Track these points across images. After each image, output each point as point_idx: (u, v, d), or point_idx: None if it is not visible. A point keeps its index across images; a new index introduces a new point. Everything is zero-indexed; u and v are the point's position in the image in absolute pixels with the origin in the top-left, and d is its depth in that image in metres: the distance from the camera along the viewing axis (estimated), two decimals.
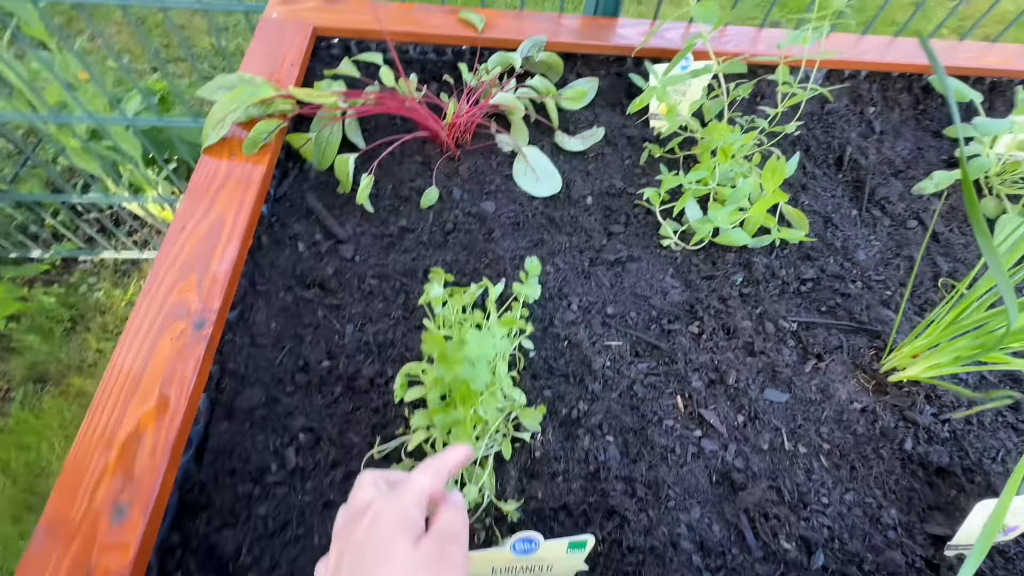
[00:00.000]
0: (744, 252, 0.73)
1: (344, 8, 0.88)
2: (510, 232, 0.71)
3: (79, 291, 1.73)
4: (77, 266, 1.77)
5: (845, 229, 0.78)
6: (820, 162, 0.86)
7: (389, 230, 0.70)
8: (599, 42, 0.88)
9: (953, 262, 0.76)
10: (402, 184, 0.75)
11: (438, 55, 0.90)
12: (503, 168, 0.78)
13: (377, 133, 0.80)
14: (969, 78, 0.99)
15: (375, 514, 0.31)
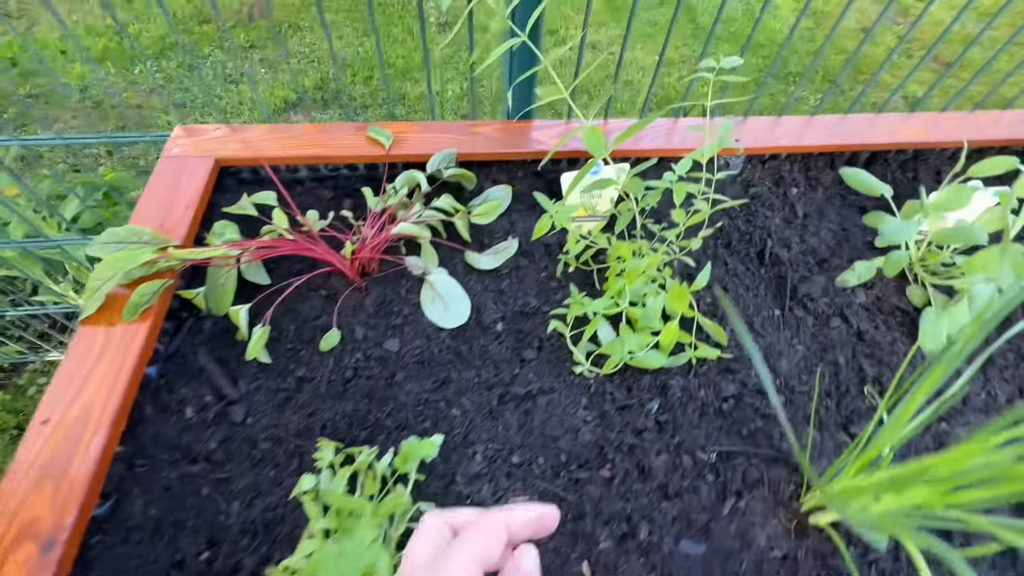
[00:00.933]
0: (661, 374, 0.70)
1: (251, 135, 0.87)
2: (415, 373, 0.69)
3: (27, 394, 1.68)
4: (26, 367, 1.72)
5: (767, 334, 0.75)
6: (743, 256, 0.85)
7: (286, 383, 0.67)
8: (513, 149, 0.87)
9: (879, 365, 0.73)
10: (305, 324, 0.72)
11: (351, 170, 0.89)
12: (412, 295, 0.76)
13: (284, 266, 0.78)
14: (889, 152, 0.99)
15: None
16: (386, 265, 0.79)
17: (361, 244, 0.74)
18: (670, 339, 0.69)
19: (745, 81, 1.21)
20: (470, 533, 0.29)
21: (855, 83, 2.84)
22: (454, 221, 0.79)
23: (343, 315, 0.73)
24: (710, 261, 0.80)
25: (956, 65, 0.94)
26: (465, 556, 0.28)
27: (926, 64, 2.92)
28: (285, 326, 0.72)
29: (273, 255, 0.73)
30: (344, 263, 0.73)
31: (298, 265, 0.78)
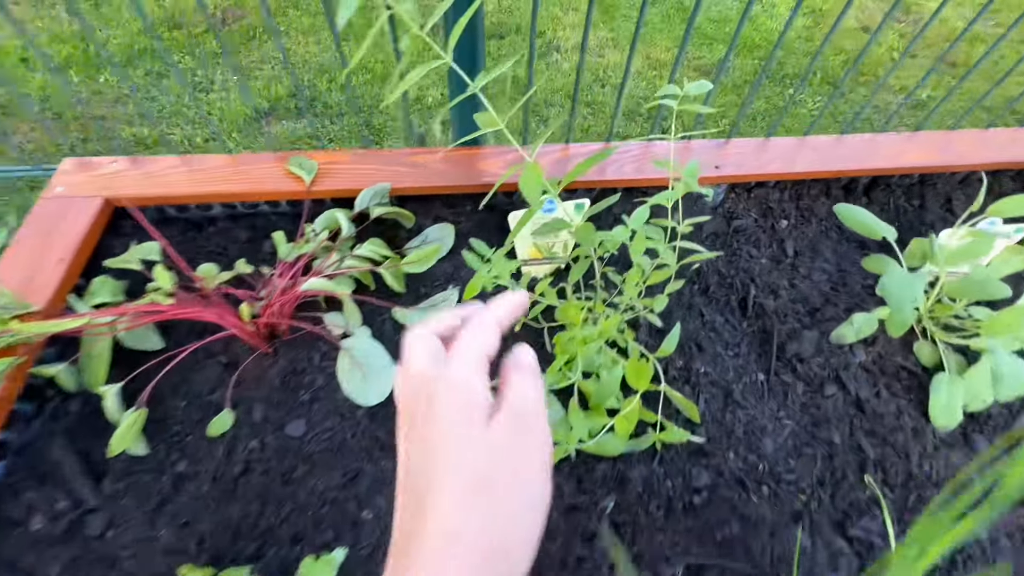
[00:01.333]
0: (620, 462, 0.59)
1: (156, 168, 0.75)
2: (322, 464, 0.57)
3: None
4: None
5: (749, 406, 0.64)
6: (722, 306, 0.73)
7: (161, 481, 0.55)
8: (457, 181, 0.76)
9: (882, 445, 0.62)
10: (196, 401, 0.61)
11: (273, 207, 0.77)
12: (328, 363, 0.64)
13: (184, 325, 0.66)
14: (892, 178, 0.87)
15: (431, 398, 0.26)
16: (301, 323, 0.67)
17: (267, 303, 0.63)
18: (630, 421, 0.57)
19: (723, 96, 1.09)
20: (469, 331, 0.29)
21: (856, 85, 2.71)
22: (380, 273, 0.68)
23: (242, 389, 0.62)
24: (680, 319, 0.69)
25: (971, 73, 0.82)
26: (472, 353, 0.28)
27: (931, 65, 2.79)
28: (172, 403, 0.61)
29: (159, 319, 0.62)
30: (244, 328, 0.62)
31: (200, 324, 0.66)
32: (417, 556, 0.21)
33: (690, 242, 0.57)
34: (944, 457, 0.61)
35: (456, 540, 0.21)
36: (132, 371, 0.61)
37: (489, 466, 0.23)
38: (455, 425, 0.25)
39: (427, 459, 0.24)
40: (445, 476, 0.23)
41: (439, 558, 0.21)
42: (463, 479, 0.23)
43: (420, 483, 0.24)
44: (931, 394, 0.63)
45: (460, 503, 0.22)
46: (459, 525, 0.22)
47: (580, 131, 2.36)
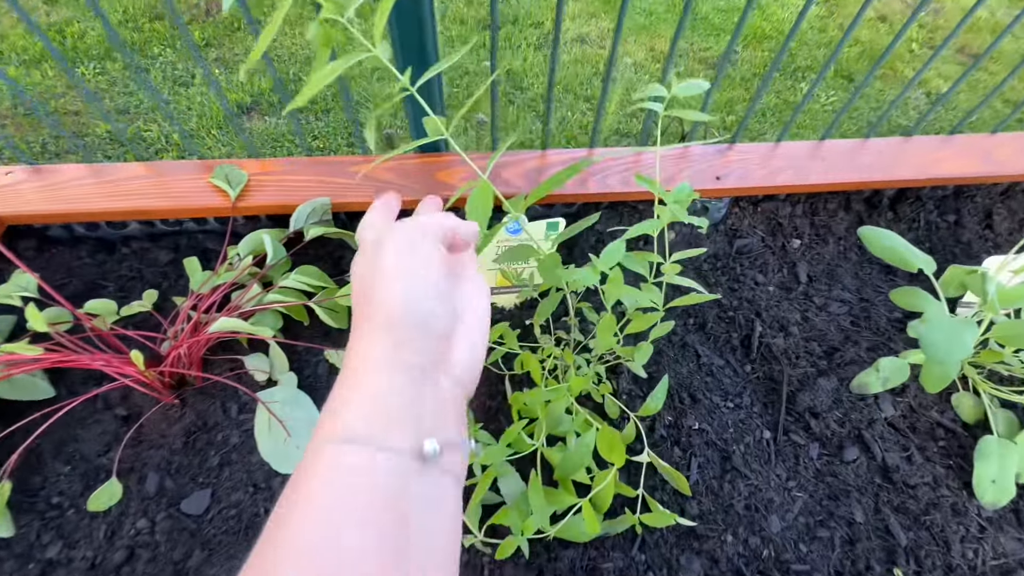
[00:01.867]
0: (591, 548, 0.48)
1: (62, 179, 0.64)
2: (225, 547, 0.47)
3: None
4: None
5: (752, 474, 0.53)
6: (721, 344, 0.62)
7: (27, 570, 0.45)
8: (409, 196, 0.64)
9: (915, 526, 0.50)
10: (79, 466, 0.51)
11: (199, 224, 0.67)
12: (247, 415, 0.54)
13: (75, 373, 0.56)
14: (922, 189, 0.75)
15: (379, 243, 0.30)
16: (220, 367, 0.57)
17: (173, 345, 0.53)
18: (601, 503, 0.46)
19: (720, 103, 0.97)
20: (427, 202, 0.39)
21: (872, 79, 2.56)
22: (312, 307, 0.57)
23: (139, 450, 0.52)
24: (671, 362, 0.58)
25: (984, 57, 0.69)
26: (432, 206, 0.39)
27: (951, 57, 2.63)
28: (54, 467, 0.51)
29: (32, 369, 0.52)
30: (141, 375, 0.51)
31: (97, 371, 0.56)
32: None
33: (684, 277, 0.46)
34: (991, 542, 0.50)
35: (353, 327, 0.28)
36: (10, 425, 0.51)
37: (361, 274, 0.30)
38: (359, 256, 0.31)
39: (382, 266, 0.29)
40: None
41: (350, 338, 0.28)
42: (353, 288, 0.30)
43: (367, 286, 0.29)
44: (976, 462, 0.52)
45: (354, 304, 0.29)
46: (354, 318, 0.29)
47: (578, 127, 2.24)
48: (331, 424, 0.24)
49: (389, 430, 0.24)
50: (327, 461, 0.23)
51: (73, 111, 2.26)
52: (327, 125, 2.31)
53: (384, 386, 0.25)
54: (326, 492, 0.22)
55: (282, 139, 2.20)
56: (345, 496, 0.22)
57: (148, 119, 2.28)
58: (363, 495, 0.22)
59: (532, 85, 2.39)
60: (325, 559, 0.20)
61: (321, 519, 0.21)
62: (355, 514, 0.21)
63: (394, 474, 0.23)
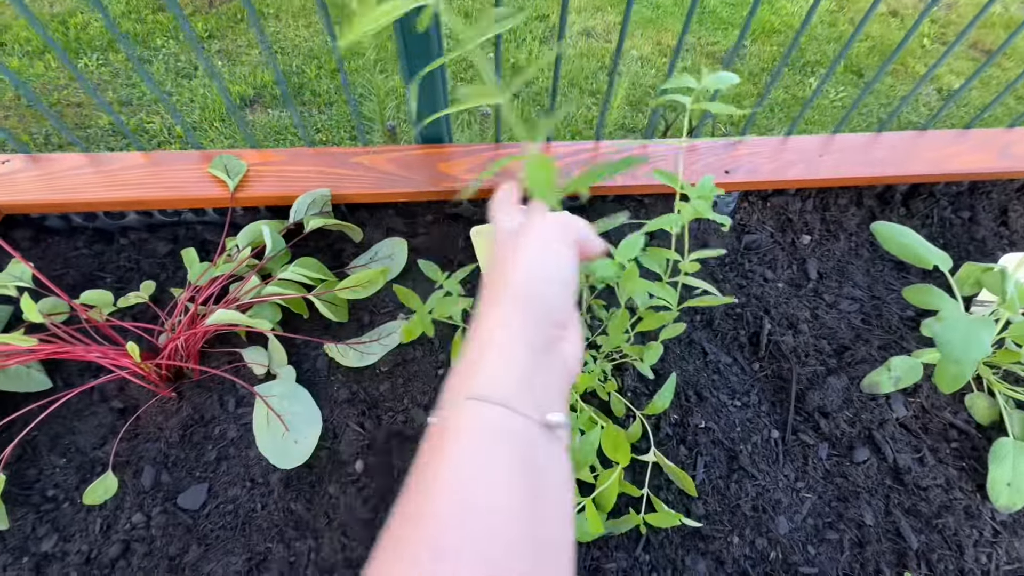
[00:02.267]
0: (595, 548, 0.47)
1: (59, 168, 0.64)
2: (222, 543, 0.46)
3: None
4: None
5: (759, 474, 0.51)
6: (728, 342, 0.61)
7: (21, 563, 0.44)
8: (410, 188, 0.63)
9: (927, 529, 0.49)
10: (75, 459, 0.50)
11: (198, 215, 0.66)
12: (244, 409, 0.53)
13: (71, 365, 0.55)
14: (936, 185, 0.73)
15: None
16: (217, 360, 0.56)
17: (171, 338, 0.52)
18: (605, 502, 0.45)
19: (742, 100, 0.94)
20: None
21: (882, 73, 2.52)
22: (312, 300, 0.56)
23: (135, 443, 0.51)
24: (678, 359, 0.57)
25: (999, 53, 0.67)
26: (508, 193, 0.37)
27: (964, 53, 2.59)
28: (49, 460, 0.50)
29: (26, 361, 0.51)
30: (138, 367, 0.50)
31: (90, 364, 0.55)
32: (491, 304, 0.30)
33: (697, 278, 0.44)
34: (1006, 547, 0.48)
35: (486, 296, 0.30)
36: (7, 416, 0.50)
37: (501, 252, 0.31)
38: (493, 241, 0.33)
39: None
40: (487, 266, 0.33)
41: (482, 305, 0.30)
42: (489, 265, 0.32)
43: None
44: (990, 464, 0.50)
45: (489, 277, 0.31)
46: (488, 288, 0.31)
47: (583, 122, 2.22)
48: (468, 383, 0.26)
49: (521, 397, 0.26)
50: (469, 415, 0.25)
51: (76, 103, 2.25)
52: (330, 118, 2.30)
53: (516, 357, 0.27)
54: (470, 443, 0.24)
55: (285, 132, 2.19)
56: (490, 449, 0.24)
57: (151, 111, 2.28)
58: (505, 450, 0.24)
59: (537, 79, 2.37)
60: (475, 508, 0.22)
61: (468, 469, 0.23)
62: (499, 467, 0.23)
63: (528, 436, 0.25)
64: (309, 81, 2.46)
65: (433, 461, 0.24)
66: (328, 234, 0.65)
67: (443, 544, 0.21)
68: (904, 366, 0.55)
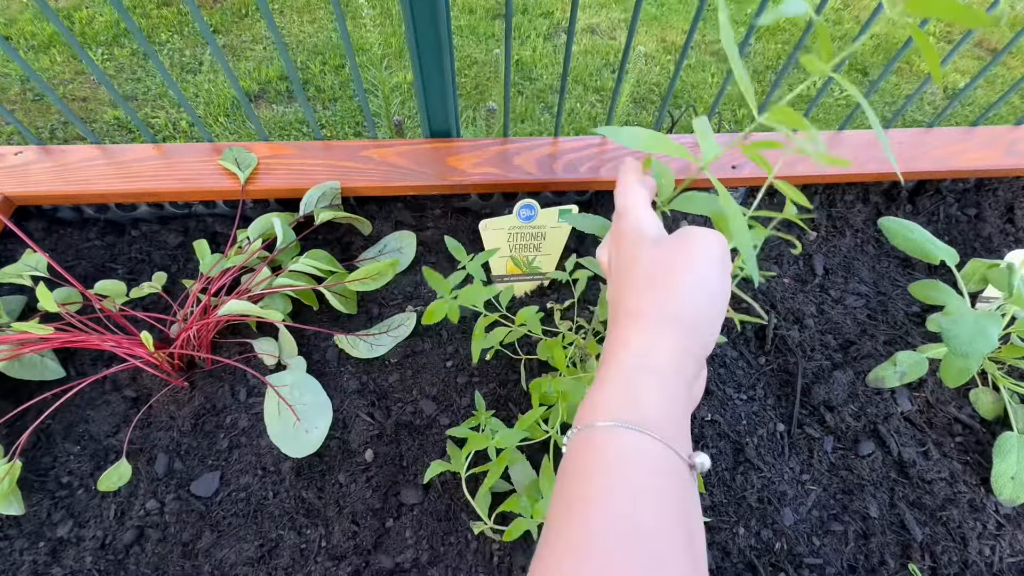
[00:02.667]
0: None
1: (72, 159, 0.64)
2: (234, 529, 0.47)
3: None
4: None
5: (765, 467, 0.52)
6: (735, 336, 0.61)
7: (38, 548, 0.45)
8: (419, 181, 0.64)
9: (931, 521, 0.49)
10: (88, 446, 0.51)
11: (208, 207, 0.66)
12: (256, 399, 0.54)
13: (85, 353, 0.56)
14: (942, 182, 0.73)
15: (617, 221, 0.33)
16: (228, 350, 0.57)
17: (183, 328, 0.52)
18: None
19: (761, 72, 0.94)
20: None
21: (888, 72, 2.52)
22: (322, 292, 0.57)
23: (148, 432, 0.51)
24: None
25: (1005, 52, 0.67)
26: (639, 195, 0.34)
27: (968, 52, 2.58)
28: (63, 447, 0.51)
29: (42, 349, 0.51)
30: (151, 356, 0.51)
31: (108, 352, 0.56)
32: (613, 327, 0.30)
33: None
34: (1009, 539, 0.49)
35: (637, 316, 0.28)
36: (20, 405, 0.51)
37: (653, 267, 0.29)
38: (629, 244, 0.31)
39: (619, 265, 0.32)
40: (627, 276, 0.30)
41: (625, 325, 0.29)
42: (636, 278, 0.30)
43: (617, 280, 0.31)
44: (995, 458, 0.51)
45: (638, 294, 0.29)
46: (637, 307, 0.29)
47: (587, 119, 2.22)
48: (627, 409, 0.25)
49: (678, 436, 0.25)
50: (633, 448, 0.24)
51: (81, 97, 2.26)
52: (334, 114, 2.30)
53: (674, 392, 0.26)
54: (630, 471, 0.23)
55: (289, 127, 2.20)
56: (649, 479, 0.23)
57: (156, 106, 2.28)
58: (669, 489, 0.23)
59: (542, 75, 2.37)
60: (635, 536, 0.21)
61: (627, 494, 0.22)
62: (658, 497, 0.23)
63: (683, 477, 0.24)
64: (313, 77, 2.47)
65: (595, 488, 0.23)
66: (338, 227, 0.65)
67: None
68: (909, 361, 0.56)
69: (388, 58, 2.53)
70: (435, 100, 0.63)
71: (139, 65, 2.35)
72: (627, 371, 0.26)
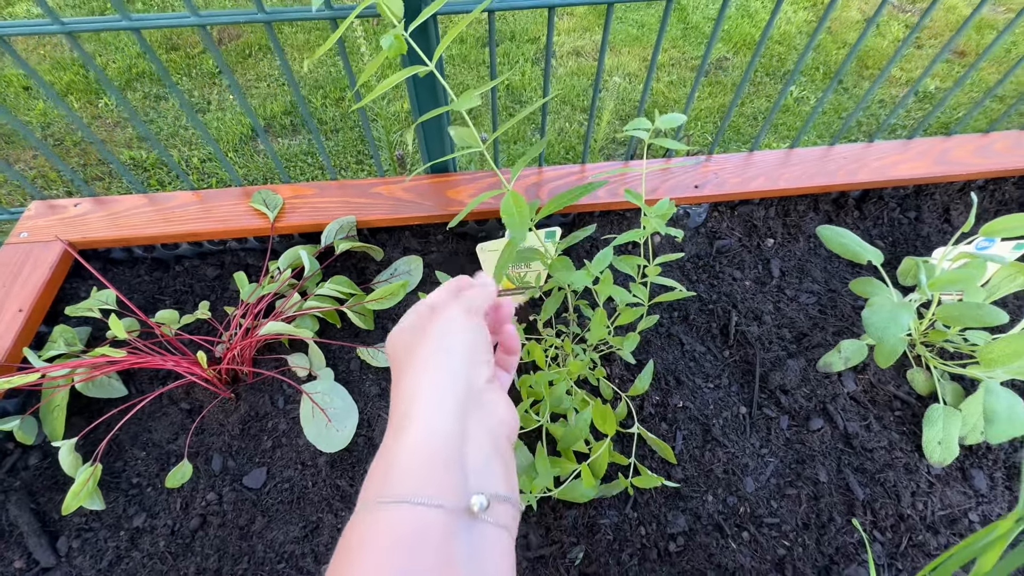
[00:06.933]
0: (590, 508, 0.56)
1: (121, 208, 0.74)
2: (280, 516, 0.55)
3: None
4: None
5: (729, 443, 0.61)
6: (702, 333, 0.70)
7: (118, 537, 0.54)
8: (423, 212, 0.74)
9: (871, 484, 0.58)
10: (155, 450, 0.60)
11: (240, 243, 0.76)
12: (292, 406, 0.63)
13: (143, 374, 0.65)
14: (885, 189, 0.83)
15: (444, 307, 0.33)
16: (267, 365, 0.66)
17: (228, 348, 0.62)
18: (598, 468, 0.55)
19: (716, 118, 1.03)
20: (475, 289, 0.36)
21: (860, 79, 2.64)
22: (344, 312, 0.66)
23: (203, 437, 0.60)
24: (659, 349, 0.66)
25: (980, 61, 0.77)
26: (461, 304, 0.34)
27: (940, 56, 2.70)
28: (132, 453, 0.60)
29: (115, 370, 0.61)
30: (204, 374, 0.60)
31: (163, 370, 0.65)
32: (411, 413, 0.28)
33: (668, 277, 0.54)
34: (939, 495, 0.57)
35: (395, 390, 0.30)
36: (93, 420, 0.60)
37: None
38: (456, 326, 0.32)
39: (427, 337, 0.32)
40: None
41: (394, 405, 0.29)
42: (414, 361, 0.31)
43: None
44: (924, 427, 0.59)
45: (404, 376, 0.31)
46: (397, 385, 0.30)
47: (576, 138, 2.33)
48: (382, 483, 0.25)
49: (440, 486, 0.24)
50: (381, 523, 0.23)
51: (101, 139, 2.39)
52: (337, 144, 2.42)
53: (430, 435, 0.26)
54: (380, 555, 0.22)
55: (295, 159, 2.32)
56: (400, 559, 0.22)
57: (168, 145, 2.41)
58: (415, 557, 0.22)
59: (531, 99, 2.49)
60: None
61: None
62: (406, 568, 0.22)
63: (443, 529, 0.23)
64: (315, 110, 2.60)
65: (344, 563, 0.23)
66: (354, 255, 0.75)
67: None
68: (852, 348, 0.65)
69: (387, 92, 2.65)
70: (435, 142, 0.73)
71: (151, 107, 2.48)
72: (387, 448, 0.26)
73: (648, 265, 0.53)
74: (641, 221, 0.53)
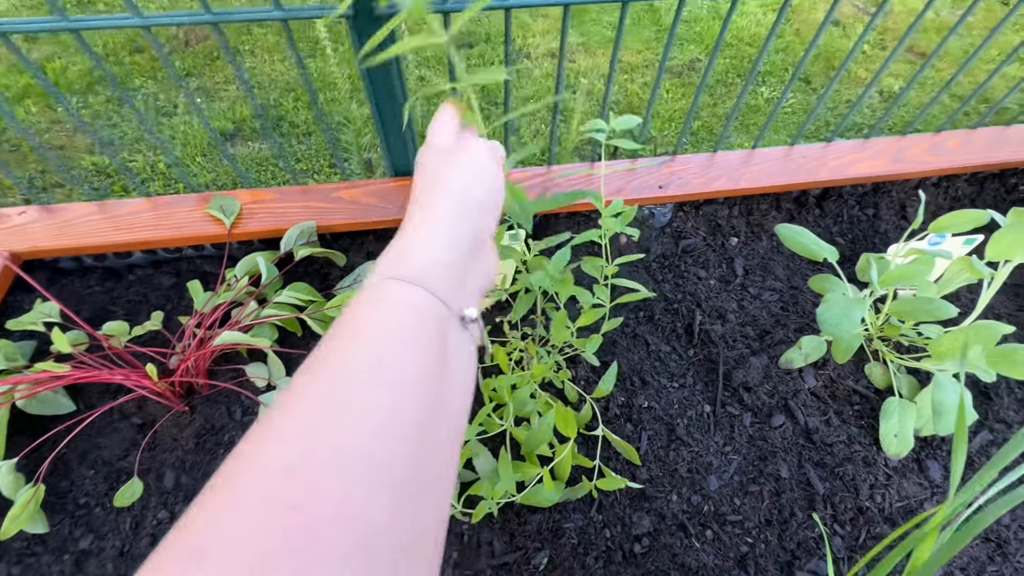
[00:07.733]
0: (555, 511, 0.56)
1: (71, 216, 0.71)
2: None
3: None
4: None
5: (694, 442, 0.61)
6: (667, 333, 0.70)
7: (63, 560, 0.52)
8: (387, 216, 0.73)
9: (831, 478, 0.59)
10: (104, 468, 0.57)
11: (197, 251, 0.74)
12: (250, 417, 0.61)
13: (93, 388, 0.63)
14: (844, 188, 0.84)
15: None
16: (224, 376, 0.64)
17: (182, 359, 0.60)
18: (561, 472, 0.54)
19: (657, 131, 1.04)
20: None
21: (827, 80, 2.71)
22: (305, 320, 0.64)
23: (155, 453, 0.58)
24: (624, 350, 0.66)
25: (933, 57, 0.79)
26: (489, 146, 0.37)
27: (900, 56, 2.78)
28: (79, 472, 0.57)
29: (59, 385, 0.58)
30: (155, 386, 0.58)
31: (114, 384, 0.63)
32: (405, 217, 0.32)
33: (632, 278, 0.54)
34: (896, 487, 0.58)
35: (419, 200, 0.32)
36: (38, 438, 0.57)
37: (435, 166, 0.34)
38: (425, 156, 0.35)
39: (417, 174, 0.34)
40: (419, 177, 0.34)
41: (411, 210, 0.32)
42: (424, 176, 0.34)
43: (415, 184, 0.33)
44: (881, 420, 0.61)
45: (423, 187, 0.33)
46: (420, 195, 0.32)
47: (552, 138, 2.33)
48: (396, 266, 0.27)
49: (443, 286, 0.27)
50: (395, 293, 0.26)
51: (58, 146, 2.31)
52: (309, 148, 2.38)
53: (445, 251, 0.29)
54: (387, 318, 0.25)
55: (266, 163, 2.27)
56: (403, 322, 0.25)
57: (133, 149, 2.34)
58: (418, 325, 0.25)
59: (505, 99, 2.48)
60: (380, 372, 0.22)
61: (378, 338, 0.24)
62: (409, 338, 0.24)
63: (443, 320, 0.26)
64: (287, 113, 2.55)
65: (344, 330, 0.24)
66: (315, 261, 0.73)
67: (343, 403, 0.21)
68: (812, 344, 0.66)
69: (357, 92, 2.62)
70: (397, 146, 0.72)
71: (114, 111, 2.41)
72: (403, 237, 0.30)
73: (607, 266, 0.53)
74: (601, 222, 0.53)
